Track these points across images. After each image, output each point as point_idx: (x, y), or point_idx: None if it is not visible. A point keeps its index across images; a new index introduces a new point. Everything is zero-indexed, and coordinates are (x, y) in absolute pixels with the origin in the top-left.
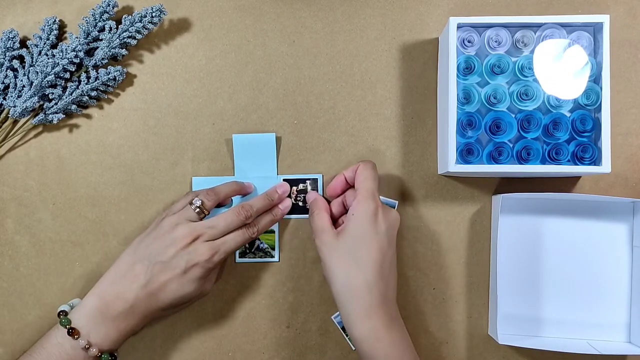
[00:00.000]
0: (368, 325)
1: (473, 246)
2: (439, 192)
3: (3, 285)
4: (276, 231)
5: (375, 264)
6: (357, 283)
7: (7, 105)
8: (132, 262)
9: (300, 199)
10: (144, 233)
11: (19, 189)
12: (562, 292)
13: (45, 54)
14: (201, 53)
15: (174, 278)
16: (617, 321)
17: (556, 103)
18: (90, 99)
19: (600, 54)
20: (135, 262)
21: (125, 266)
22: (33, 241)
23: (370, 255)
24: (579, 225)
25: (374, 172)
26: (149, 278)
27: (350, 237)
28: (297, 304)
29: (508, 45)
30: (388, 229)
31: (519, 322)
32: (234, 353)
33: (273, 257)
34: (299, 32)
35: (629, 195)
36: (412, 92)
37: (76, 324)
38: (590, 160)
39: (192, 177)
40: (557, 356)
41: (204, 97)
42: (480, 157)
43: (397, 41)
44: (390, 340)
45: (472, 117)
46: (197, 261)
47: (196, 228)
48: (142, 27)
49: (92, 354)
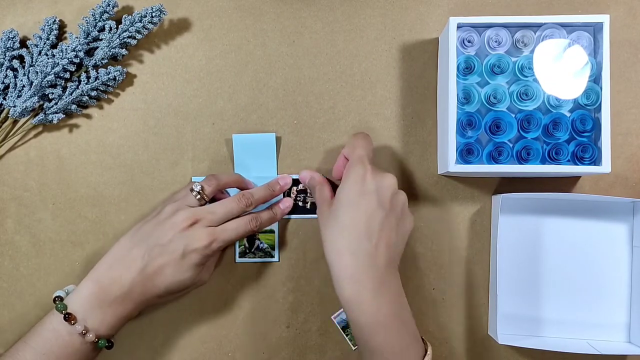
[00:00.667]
0: (353, 289)
1: (473, 246)
2: (439, 192)
3: (3, 285)
4: (276, 231)
5: (358, 226)
6: (340, 246)
7: (7, 105)
8: (130, 246)
9: (300, 199)
10: (144, 220)
11: (19, 189)
12: (562, 292)
13: (45, 54)
14: (201, 53)
15: (171, 262)
16: (617, 321)
17: (556, 103)
18: (90, 99)
19: (600, 54)
20: (133, 247)
21: (122, 251)
22: (33, 241)
23: (355, 217)
24: (579, 225)
25: (364, 140)
26: (147, 262)
27: (338, 203)
28: (297, 304)
29: (508, 45)
30: (378, 189)
31: (519, 322)
32: (234, 353)
33: (273, 257)
34: (299, 32)
35: (629, 195)
36: (412, 92)
37: (72, 309)
38: (590, 160)
39: (192, 177)
40: (557, 356)
41: (204, 97)
42: (480, 157)
43: (397, 41)
44: (376, 307)
45: (472, 117)
46: (195, 247)
47: (196, 212)
48: (142, 27)
49: (89, 340)
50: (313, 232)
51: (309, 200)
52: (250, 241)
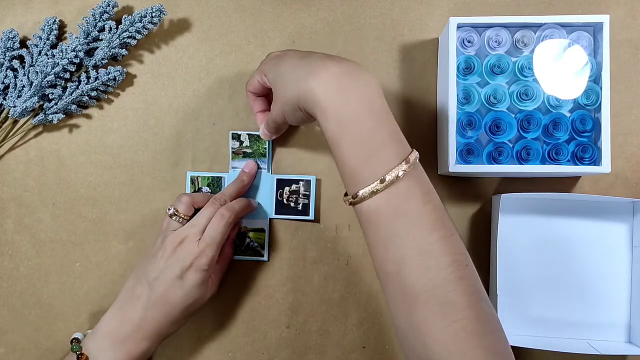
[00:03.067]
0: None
1: (473, 246)
2: (439, 192)
3: (3, 285)
4: (267, 230)
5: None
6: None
7: (7, 105)
8: (134, 284)
9: (292, 200)
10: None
11: (19, 189)
12: (562, 292)
13: (45, 54)
14: (201, 53)
15: (172, 285)
16: (617, 321)
17: (556, 103)
18: (90, 99)
19: (600, 54)
20: (136, 285)
21: (128, 292)
22: (33, 241)
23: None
24: (579, 225)
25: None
26: (149, 295)
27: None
28: (297, 304)
29: (508, 45)
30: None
31: (519, 322)
32: (234, 353)
33: (262, 256)
34: (299, 32)
35: (629, 195)
36: (412, 92)
37: (86, 349)
38: (590, 160)
39: (187, 172)
40: (557, 356)
41: (204, 97)
42: (480, 157)
43: (397, 41)
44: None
45: (472, 117)
46: (189, 262)
47: (179, 233)
48: (142, 27)
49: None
50: (312, 232)
51: (300, 202)
52: (241, 239)
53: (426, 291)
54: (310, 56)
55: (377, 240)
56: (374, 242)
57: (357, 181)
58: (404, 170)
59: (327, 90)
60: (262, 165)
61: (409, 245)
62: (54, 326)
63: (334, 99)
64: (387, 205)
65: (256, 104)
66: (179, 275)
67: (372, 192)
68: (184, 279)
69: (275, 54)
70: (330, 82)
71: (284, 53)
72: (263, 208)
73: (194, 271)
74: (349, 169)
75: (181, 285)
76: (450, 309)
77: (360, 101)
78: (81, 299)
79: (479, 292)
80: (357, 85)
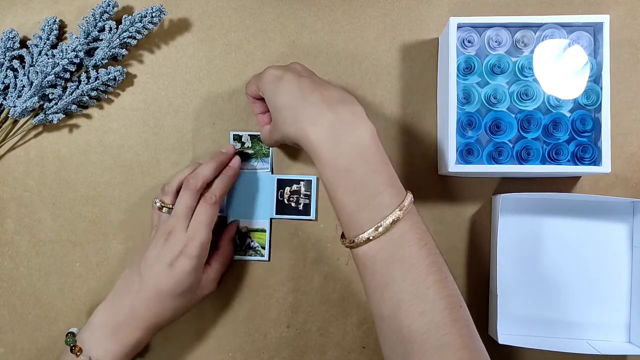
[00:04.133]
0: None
1: (473, 246)
2: (439, 192)
3: (3, 285)
4: (267, 230)
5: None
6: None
7: (7, 105)
8: (126, 277)
9: (293, 200)
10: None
11: (19, 189)
12: (562, 292)
13: (45, 54)
14: (201, 53)
15: (163, 274)
16: (617, 321)
17: (556, 103)
18: (90, 99)
19: (600, 54)
20: (128, 277)
21: (121, 283)
22: (33, 241)
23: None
24: (579, 225)
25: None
26: (140, 285)
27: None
28: (297, 304)
29: (508, 45)
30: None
31: (519, 322)
32: (234, 353)
33: (263, 256)
34: (299, 32)
35: (629, 195)
36: (412, 92)
37: (80, 341)
38: (590, 160)
39: None
40: (557, 356)
41: (204, 97)
42: (480, 157)
43: (397, 41)
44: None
45: (472, 117)
46: (179, 250)
47: (166, 225)
48: (142, 27)
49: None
50: (312, 232)
51: (301, 202)
52: (241, 239)
53: (422, 334)
54: (309, 96)
55: (373, 284)
56: (371, 286)
57: (353, 227)
58: (399, 217)
59: (321, 139)
60: (264, 166)
61: (405, 290)
62: (53, 326)
63: (328, 149)
64: (382, 251)
65: (256, 106)
66: (169, 263)
67: (367, 239)
68: (174, 266)
69: (273, 73)
70: (326, 132)
71: (283, 74)
72: (263, 208)
73: (183, 258)
74: (345, 214)
75: (172, 273)
76: (446, 351)
77: (354, 151)
78: (81, 299)
79: (472, 332)
80: (351, 135)
